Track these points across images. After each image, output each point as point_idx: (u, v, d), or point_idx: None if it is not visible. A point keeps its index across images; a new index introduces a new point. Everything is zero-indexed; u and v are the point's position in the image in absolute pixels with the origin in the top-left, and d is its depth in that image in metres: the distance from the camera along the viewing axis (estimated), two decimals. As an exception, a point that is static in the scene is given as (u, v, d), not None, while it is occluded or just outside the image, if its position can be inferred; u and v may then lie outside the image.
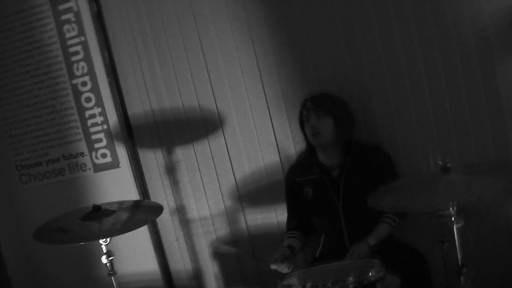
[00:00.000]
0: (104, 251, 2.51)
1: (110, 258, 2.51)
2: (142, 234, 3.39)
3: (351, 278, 1.83)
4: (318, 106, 2.77)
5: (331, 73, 2.97)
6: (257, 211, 3.22)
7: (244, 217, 3.25)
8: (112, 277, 2.55)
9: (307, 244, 2.90)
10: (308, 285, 1.87)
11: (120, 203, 2.72)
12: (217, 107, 3.20)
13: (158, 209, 2.64)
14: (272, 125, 3.11)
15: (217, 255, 3.34)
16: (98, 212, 2.48)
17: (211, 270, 3.35)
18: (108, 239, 2.47)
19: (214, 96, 3.19)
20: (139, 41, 3.27)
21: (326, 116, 2.75)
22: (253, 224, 3.24)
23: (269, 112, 3.10)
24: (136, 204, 2.81)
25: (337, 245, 2.76)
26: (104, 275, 2.55)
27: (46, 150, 3.55)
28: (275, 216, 3.17)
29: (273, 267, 2.56)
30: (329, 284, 1.83)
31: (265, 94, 3.09)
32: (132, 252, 3.32)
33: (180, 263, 3.43)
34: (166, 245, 3.44)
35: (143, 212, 2.72)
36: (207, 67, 3.17)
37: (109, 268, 2.53)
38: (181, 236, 3.38)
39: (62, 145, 3.51)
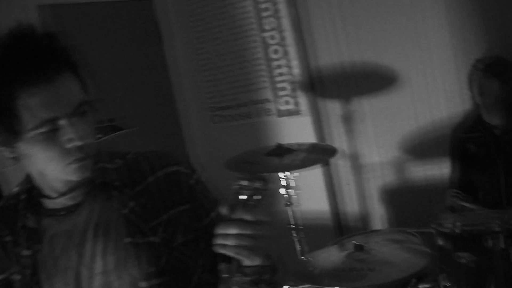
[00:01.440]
0: (283, 183, 2.88)
1: (288, 191, 2.87)
2: (317, 176, 3.71)
3: (497, 222, 2.01)
4: (487, 68, 2.90)
5: (501, 36, 3.06)
6: (422, 163, 3.43)
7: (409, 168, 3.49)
8: (289, 208, 2.92)
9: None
10: (458, 224, 2.08)
11: (300, 144, 3.06)
12: (393, 63, 3.40)
13: (333, 151, 2.94)
14: (443, 83, 3.27)
15: (384, 200, 3.60)
16: (281, 149, 2.84)
17: (377, 213, 3.62)
18: (288, 173, 2.83)
19: (391, 52, 3.39)
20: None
21: (494, 78, 2.87)
22: (416, 175, 3.46)
23: (440, 70, 3.26)
24: (313, 146, 3.12)
25: (494, 201, 2.90)
26: (282, 206, 2.93)
27: (236, 95, 3.97)
28: (439, 169, 3.35)
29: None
30: (476, 224, 2.03)
31: (437, 53, 3.25)
32: (307, 191, 3.67)
33: (348, 205, 3.73)
34: (337, 188, 3.75)
35: (319, 153, 3.04)
36: (384, 24, 3.38)
37: (287, 200, 2.91)
38: (351, 181, 3.68)
39: (251, 91, 3.91)
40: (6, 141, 1.27)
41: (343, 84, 3.58)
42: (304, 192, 3.56)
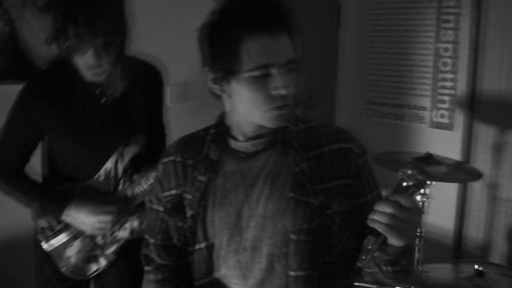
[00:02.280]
0: (421, 191, 2.95)
1: (424, 199, 2.94)
2: (451, 193, 3.74)
3: None
4: None
5: None
6: None
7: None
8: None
9: None
10: None
11: (445, 158, 3.11)
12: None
13: (477, 175, 2.97)
14: None
15: (510, 237, 3.58)
16: (429, 158, 2.92)
17: (500, 247, 3.60)
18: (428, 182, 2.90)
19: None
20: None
21: None
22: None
23: None
24: (459, 164, 3.16)
25: None
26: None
27: (395, 96, 4.05)
28: None
29: None
30: None
31: None
32: (437, 204, 3.71)
33: (474, 231, 3.73)
34: (467, 211, 3.76)
35: (462, 172, 3.07)
36: None
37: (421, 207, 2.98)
38: (484, 209, 3.67)
39: (410, 96, 3.97)
40: (219, 79, 1.50)
41: (503, 113, 3.57)
42: (434, 204, 3.62)
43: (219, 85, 1.51)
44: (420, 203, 2.93)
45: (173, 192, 1.65)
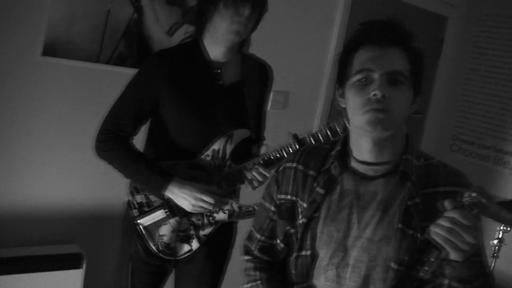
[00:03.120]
0: (496, 236, 2.99)
1: (499, 244, 2.98)
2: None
3: None
4: None
5: None
6: None
7: None
8: (492, 259, 3.03)
9: None
10: None
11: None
12: None
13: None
14: None
15: None
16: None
17: None
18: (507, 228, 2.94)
19: None
20: None
21: None
22: None
23: None
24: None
25: None
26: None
27: (484, 136, 4.06)
28: None
29: None
30: None
31: None
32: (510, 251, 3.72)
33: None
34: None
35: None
36: None
37: (494, 251, 3.02)
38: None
39: (499, 139, 3.97)
40: (340, 93, 1.63)
41: None
42: (506, 250, 3.62)
43: (341, 98, 1.63)
44: (496, 247, 2.97)
45: (289, 197, 1.75)
